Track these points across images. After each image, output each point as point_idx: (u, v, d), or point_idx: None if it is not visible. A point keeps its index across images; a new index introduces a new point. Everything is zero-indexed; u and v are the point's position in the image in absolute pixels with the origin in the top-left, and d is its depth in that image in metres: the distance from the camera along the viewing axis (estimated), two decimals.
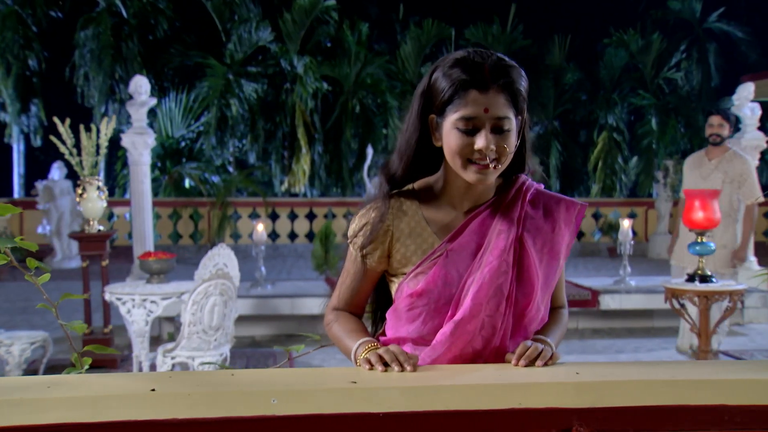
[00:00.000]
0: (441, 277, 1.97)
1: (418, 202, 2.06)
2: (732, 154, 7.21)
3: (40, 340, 6.43)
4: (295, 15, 19.50)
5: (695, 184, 7.22)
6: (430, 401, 1.66)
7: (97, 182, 7.42)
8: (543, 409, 1.68)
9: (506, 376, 1.79)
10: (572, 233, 2.11)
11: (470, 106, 1.88)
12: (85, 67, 19.22)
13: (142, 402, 1.57)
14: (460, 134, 1.89)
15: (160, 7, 19.63)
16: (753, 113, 9.81)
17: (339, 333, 2.12)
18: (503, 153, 1.91)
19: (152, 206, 16.45)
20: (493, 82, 1.88)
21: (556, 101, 21.42)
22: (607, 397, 1.71)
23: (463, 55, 1.92)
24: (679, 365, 1.99)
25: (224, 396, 1.61)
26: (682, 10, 22.12)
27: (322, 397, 1.64)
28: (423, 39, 20.48)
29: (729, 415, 1.71)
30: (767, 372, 1.83)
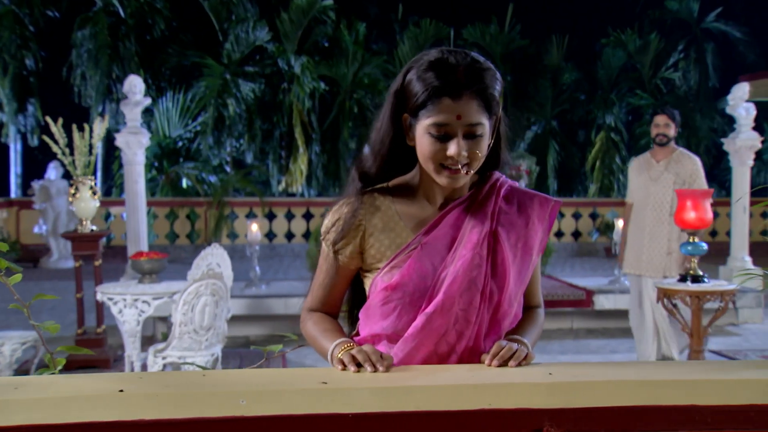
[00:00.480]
0: (416, 270, 1.97)
1: (392, 197, 2.06)
2: (680, 154, 6.96)
3: (31, 340, 6.42)
4: (293, 15, 19.48)
5: (645, 187, 6.99)
6: (400, 402, 1.66)
7: (89, 182, 7.41)
8: (514, 410, 1.68)
9: (478, 377, 1.78)
10: (546, 229, 2.12)
11: (443, 113, 1.87)
12: (82, 66, 19.22)
13: (110, 403, 1.57)
14: (433, 140, 1.90)
15: (157, 6, 19.61)
16: (748, 113, 9.80)
17: (314, 333, 2.10)
18: (475, 158, 1.92)
19: (149, 206, 16.58)
20: (466, 89, 1.87)
21: (554, 101, 21.43)
22: (579, 398, 1.70)
23: (437, 57, 1.91)
24: (652, 366, 1.99)
25: (193, 397, 1.61)
26: (679, 10, 22.15)
27: (292, 398, 1.63)
28: (421, 39, 20.45)
29: (700, 416, 1.72)
30: (737, 372, 1.83)
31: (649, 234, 6.93)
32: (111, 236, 16.60)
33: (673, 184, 6.83)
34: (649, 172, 6.98)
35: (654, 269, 6.91)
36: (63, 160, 7.48)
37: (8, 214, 16.51)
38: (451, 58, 1.90)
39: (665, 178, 6.87)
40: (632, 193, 7.21)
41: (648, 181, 6.97)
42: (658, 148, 7.00)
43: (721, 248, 13.43)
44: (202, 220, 17.22)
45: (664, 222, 6.86)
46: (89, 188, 7.40)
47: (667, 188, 6.84)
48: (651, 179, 6.94)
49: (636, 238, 7.05)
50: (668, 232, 6.86)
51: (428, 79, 1.88)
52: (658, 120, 6.97)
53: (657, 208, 6.89)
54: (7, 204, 16.72)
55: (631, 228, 7.17)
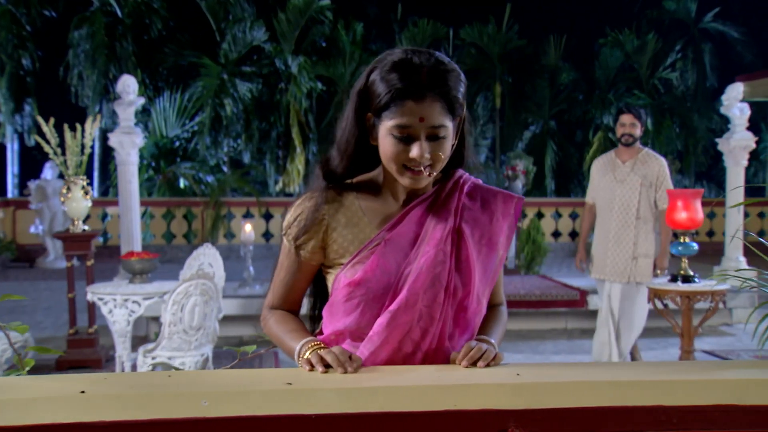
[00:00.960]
0: (379, 266, 1.96)
1: (356, 193, 2.05)
2: (646, 154, 6.69)
3: (21, 341, 6.39)
4: (290, 15, 19.48)
5: (610, 188, 6.70)
6: (365, 403, 1.65)
7: (82, 182, 7.40)
8: (478, 411, 1.67)
9: (445, 378, 1.77)
10: (511, 226, 2.11)
11: (406, 115, 1.87)
12: (79, 66, 19.21)
13: (71, 404, 1.56)
14: (395, 141, 1.89)
15: (155, 6, 19.61)
16: (742, 113, 9.79)
17: (278, 333, 2.09)
18: (438, 160, 1.91)
19: (146, 206, 16.61)
20: (429, 91, 1.87)
21: (552, 101, 21.45)
22: (545, 399, 1.70)
23: (401, 57, 1.90)
24: (619, 366, 1.99)
25: (155, 397, 1.60)
26: (677, 10, 22.17)
27: (255, 399, 1.62)
28: (418, 39, 20.45)
29: (666, 416, 1.72)
30: (703, 373, 1.84)
31: (614, 237, 6.67)
32: (108, 236, 16.61)
33: (639, 185, 6.59)
34: (614, 172, 6.72)
35: (618, 274, 6.67)
36: (55, 160, 7.48)
37: (4, 214, 16.51)
38: (415, 58, 1.89)
39: (631, 179, 6.63)
40: (594, 193, 6.94)
41: (613, 183, 6.70)
42: (624, 148, 6.74)
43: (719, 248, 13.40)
44: (199, 220, 17.22)
45: (630, 225, 6.62)
46: (81, 188, 7.40)
47: (633, 190, 6.60)
48: (616, 180, 6.69)
49: (601, 241, 6.82)
50: (634, 236, 6.61)
51: (391, 81, 1.87)
52: (624, 119, 6.70)
53: (623, 211, 6.64)
54: (4, 204, 16.72)
55: (597, 231, 6.91)
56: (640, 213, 6.55)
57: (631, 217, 6.60)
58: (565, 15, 24.88)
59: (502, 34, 21.18)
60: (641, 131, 6.69)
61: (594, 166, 7.02)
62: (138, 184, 9.38)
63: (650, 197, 6.61)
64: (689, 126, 20.78)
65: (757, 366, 1.93)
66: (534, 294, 9.19)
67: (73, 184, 7.37)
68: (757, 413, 1.74)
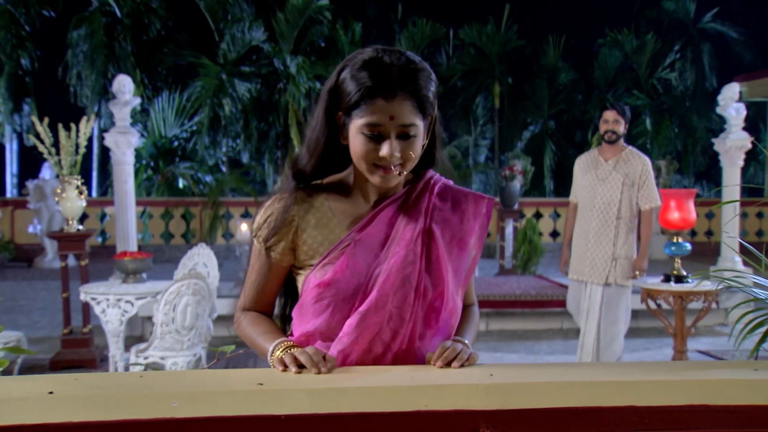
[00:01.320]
0: (349, 267, 1.95)
1: (326, 194, 2.05)
2: (629, 152, 6.47)
3: (14, 340, 6.39)
4: (288, 15, 19.43)
5: (591, 187, 6.50)
6: (335, 403, 1.65)
7: (76, 181, 7.40)
8: (449, 412, 1.68)
9: (417, 378, 1.77)
10: (482, 226, 2.12)
11: (376, 113, 1.86)
12: (77, 66, 19.18)
13: (39, 405, 1.56)
14: (366, 140, 1.89)
15: (153, 6, 19.59)
16: (738, 113, 9.77)
17: (251, 334, 2.08)
18: (408, 159, 1.92)
19: (145, 206, 16.62)
20: (399, 89, 1.87)
21: (551, 101, 21.44)
22: (517, 399, 1.70)
23: (372, 56, 1.90)
24: (591, 367, 1.99)
25: (124, 398, 1.60)
26: (676, 10, 22.16)
27: (225, 400, 1.62)
28: (417, 39, 20.45)
29: (637, 416, 1.72)
30: (674, 373, 1.84)
31: (594, 237, 6.46)
32: (107, 236, 16.62)
33: (621, 184, 6.38)
34: (597, 171, 6.52)
35: (597, 275, 6.45)
36: (50, 160, 7.48)
37: (3, 213, 16.52)
38: (385, 57, 1.89)
39: (613, 178, 6.42)
40: (577, 192, 6.76)
41: (595, 181, 6.51)
42: (607, 145, 6.56)
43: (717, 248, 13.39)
44: (198, 220, 17.23)
45: (611, 225, 6.40)
46: (76, 188, 7.40)
47: (615, 189, 6.40)
48: (598, 179, 6.48)
49: (580, 240, 6.60)
50: (614, 236, 6.39)
51: (362, 79, 1.87)
52: (607, 116, 6.51)
53: (604, 210, 6.43)
54: (2, 204, 16.73)
55: (576, 230, 6.69)
56: (621, 213, 6.37)
57: (611, 217, 6.40)
58: (564, 15, 24.85)
59: (501, 34, 21.15)
60: (625, 128, 6.54)
61: (577, 164, 6.83)
62: (133, 183, 9.38)
63: (632, 197, 6.41)
64: (688, 126, 20.77)
65: (728, 366, 1.94)
66: (529, 294, 9.19)
67: (68, 184, 7.37)
68: (727, 413, 1.75)
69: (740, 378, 1.79)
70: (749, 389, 1.76)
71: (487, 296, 9.07)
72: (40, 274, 14.60)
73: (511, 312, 9.25)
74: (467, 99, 21.69)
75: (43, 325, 9.67)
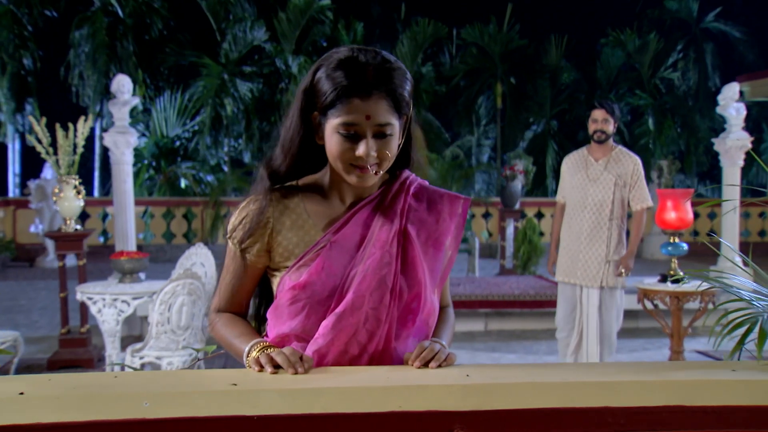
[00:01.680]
0: (324, 269, 1.94)
1: (302, 195, 2.04)
2: (620, 152, 6.33)
3: (11, 340, 6.39)
4: (290, 14, 19.48)
5: (582, 187, 6.34)
6: (308, 404, 1.64)
7: (74, 181, 7.40)
8: (423, 412, 1.67)
9: (392, 379, 1.76)
10: (458, 226, 2.11)
11: (352, 113, 1.85)
12: (80, 66, 19.25)
13: (9, 406, 1.55)
14: (342, 139, 1.88)
15: (155, 6, 19.64)
16: (738, 113, 9.75)
17: (226, 336, 2.07)
18: (384, 158, 1.91)
19: (147, 205, 16.64)
20: (375, 88, 1.86)
21: (553, 101, 21.44)
22: (493, 400, 1.69)
23: (347, 55, 1.89)
24: (568, 368, 1.97)
25: (96, 399, 1.59)
26: (679, 9, 22.13)
27: (197, 400, 1.61)
28: (419, 38, 20.44)
29: (613, 417, 1.71)
30: (651, 374, 1.83)
31: (587, 239, 6.30)
32: (108, 235, 16.64)
33: (614, 185, 6.23)
34: (587, 171, 6.36)
35: (590, 278, 6.30)
36: (48, 159, 7.48)
37: (5, 213, 16.54)
38: (361, 56, 1.88)
39: (605, 178, 6.27)
40: (565, 193, 6.57)
41: (586, 182, 6.34)
42: (596, 145, 6.38)
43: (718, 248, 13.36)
44: (199, 220, 17.24)
45: (604, 226, 6.26)
46: (73, 187, 7.40)
47: (607, 189, 6.25)
48: (589, 179, 6.33)
49: (572, 243, 6.41)
50: (607, 238, 6.25)
51: (337, 79, 1.86)
52: (596, 115, 6.31)
53: (597, 211, 6.28)
54: (4, 203, 16.76)
55: (566, 232, 6.51)
56: (614, 213, 6.24)
57: (604, 218, 6.25)
58: (567, 15, 24.85)
59: (503, 33, 21.16)
60: (614, 128, 6.36)
61: (565, 164, 6.65)
62: (132, 183, 9.37)
63: (624, 197, 6.28)
64: (691, 126, 20.75)
65: (705, 367, 1.94)
66: (528, 294, 9.18)
67: (65, 184, 7.37)
68: (704, 414, 1.74)
69: (718, 378, 1.79)
70: (727, 390, 1.76)
71: (486, 296, 9.06)
72: (41, 274, 14.62)
73: (510, 312, 9.25)
74: (469, 99, 21.69)
75: (42, 324, 9.69)
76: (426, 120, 20.63)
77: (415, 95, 15.67)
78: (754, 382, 1.78)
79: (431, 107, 21.34)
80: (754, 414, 1.76)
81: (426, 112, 20.90)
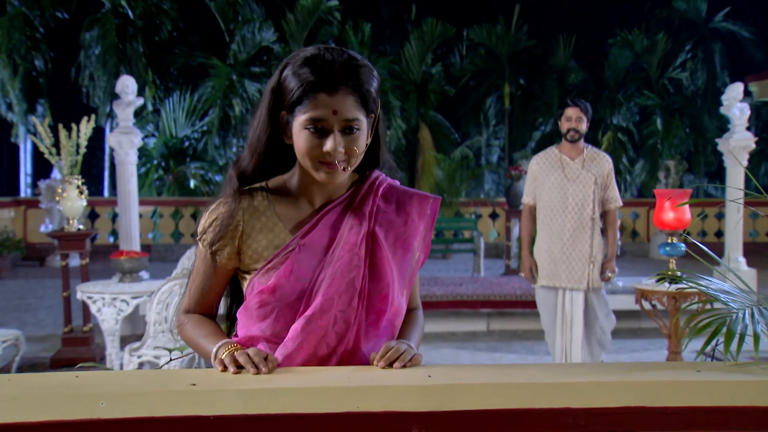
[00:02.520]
0: (293, 273, 1.95)
1: (270, 197, 2.04)
2: (593, 152, 6.26)
3: (12, 339, 6.42)
4: (298, 15, 19.54)
5: (560, 188, 6.17)
6: (265, 404, 1.65)
7: (77, 181, 7.44)
8: (381, 413, 1.67)
9: (353, 379, 1.77)
10: (427, 226, 2.12)
11: (319, 108, 1.87)
12: (90, 67, 19.34)
13: None
14: (309, 135, 1.89)
15: (165, 8, 19.72)
16: (742, 113, 9.74)
17: (194, 337, 2.07)
18: (353, 154, 1.92)
19: (155, 205, 16.70)
20: (342, 84, 1.88)
21: (561, 101, 21.33)
22: (452, 401, 1.70)
23: (314, 53, 1.91)
24: (532, 368, 1.97)
25: (53, 399, 1.60)
26: (687, 9, 22.07)
27: (154, 400, 1.62)
28: (427, 39, 20.44)
29: (573, 418, 1.72)
30: (612, 375, 1.83)
31: (570, 240, 6.15)
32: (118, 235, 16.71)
33: (593, 184, 6.12)
34: (564, 170, 6.18)
35: (575, 280, 6.16)
36: (50, 160, 7.53)
37: (16, 213, 16.63)
38: (327, 54, 1.90)
39: (584, 177, 6.14)
40: (538, 193, 6.32)
41: (564, 181, 6.16)
42: (569, 144, 6.22)
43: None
44: None
45: (586, 226, 6.14)
46: (76, 187, 7.44)
47: (587, 188, 6.12)
48: (568, 179, 6.15)
49: (553, 245, 6.23)
50: (590, 237, 6.14)
51: (304, 75, 1.88)
52: (570, 113, 6.15)
53: (578, 211, 6.14)
54: (15, 203, 16.85)
55: (545, 234, 6.32)
56: (595, 213, 6.14)
57: (586, 218, 6.12)
58: (575, 15, 24.79)
59: (511, 34, 21.16)
60: (587, 126, 6.21)
61: (535, 164, 6.38)
62: (136, 183, 9.42)
63: (600, 196, 6.18)
64: (699, 126, 20.69)
65: (671, 368, 1.95)
66: (530, 294, 9.14)
67: (68, 184, 7.41)
68: (664, 414, 1.74)
69: (681, 380, 1.79)
70: (689, 391, 1.76)
71: (488, 296, 9.05)
72: (50, 273, 14.68)
73: (512, 312, 9.23)
74: (478, 99, 21.68)
75: (48, 323, 9.74)
76: (435, 120, 20.68)
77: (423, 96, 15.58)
78: (716, 383, 1.78)
79: (440, 107, 21.34)
80: (716, 414, 1.76)
81: (435, 112, 20.93)
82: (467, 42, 22.42)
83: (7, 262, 14.41)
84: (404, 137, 19.91)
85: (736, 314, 2.02)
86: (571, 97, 6.36)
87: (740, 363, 1.91)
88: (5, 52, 18.88)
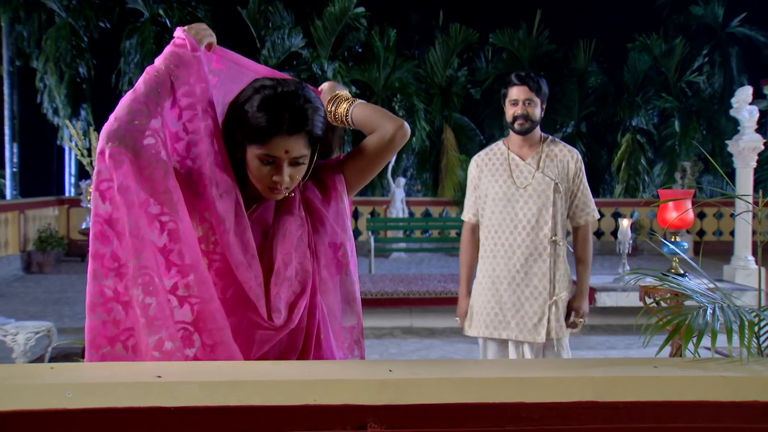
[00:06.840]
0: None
1: None
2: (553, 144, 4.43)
3: (45, 330, 6.60)
4: (326, 22, 19.86)
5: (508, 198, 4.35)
6: (226, 396, 1.69)
7: None
8: (337, 406, 1.71)
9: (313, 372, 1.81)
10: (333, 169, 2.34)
11: (272, 149, 2.09)
12: (129, 73, 19.68)
13: None
14: (261, 165, 2.11)
15: (200, 16, 20.05)
16: (751, 115, 9.85)
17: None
18: (296, 180, 2.18)
19: None
20: (295, 131, 2.08)
21: (581, 104, 21.48)
22: (409, 395, 1.73)
23: (269, 95, 2.08)
24: (483, 364, 2.03)
25: (21, 389, 1.65)
26: (704, 15, 22.07)
27: (120, 391, 1.67)
28: (451, 44, 20.66)
29: (527, 413, 1.75)
30: (566, 370, 1.87)
31: (521, 273, 4.37)
32: None
33: (552, 192, 4.35)
34: (512, 175, 4.42)
35: (529, 330, 4.35)
36: (83, 161, 7.79)
37: (60, 211, 17.07)
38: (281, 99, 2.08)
39: (540, 183, 4.36)
40: (480, 207, 4.57)
41: (512, 190, 4.41)
42: (519, 138, 4.44)
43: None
44: None
45: (544, 252, 4.36)
46: None
47: (545, 199, 4.35)
48: (517, 186, 4.39)
49: (498, 280, 4.42)
50: (549, 268, 4.36)
51: (260, 120, 2.06)
52: (515, 94, 4.36)
53: (532, 231, 4.36)
54: (59, 202, 17.25)
55: (487, 265, 4.49)
56: (557, 232, 4.38)
57: (543, 240, 4.36)
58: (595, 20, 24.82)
59: (532, 38, 21.25)
60: (542, 111, 4.42)
61: (474, 167, 4.61)
62: None
63: (565, 208, 4.44)
64: (716, 129, 20.70)
65: (627, 364, 1.99)
66: None
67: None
68: (615, 409, 1.77)
69: (636, 375, 1.82)
70: (643, 386, 1.79)
71: None
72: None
73: None
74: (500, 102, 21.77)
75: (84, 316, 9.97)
76: (459, 122, 20.98)
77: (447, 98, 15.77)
78: (669, 379, 1.81)
79: (465, 110, 21.66)
80: (666, 409, 1.79)
81: (460, 115, 21.26)
82: (488, 47, 22.53)
83: (51, 258, 14.81)
84: (428, 139, 20.21)
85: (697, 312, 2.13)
86: (517, 73, 4.48)
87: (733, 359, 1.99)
88: (53, 60, 19.48)
